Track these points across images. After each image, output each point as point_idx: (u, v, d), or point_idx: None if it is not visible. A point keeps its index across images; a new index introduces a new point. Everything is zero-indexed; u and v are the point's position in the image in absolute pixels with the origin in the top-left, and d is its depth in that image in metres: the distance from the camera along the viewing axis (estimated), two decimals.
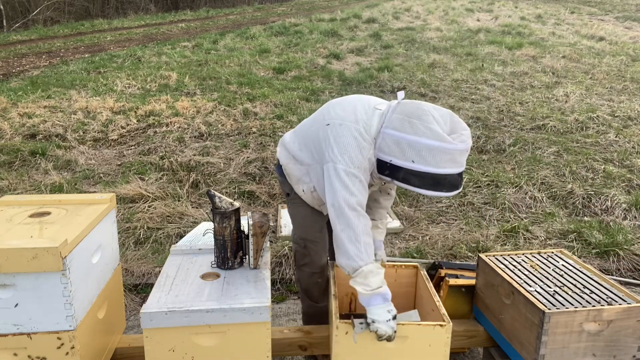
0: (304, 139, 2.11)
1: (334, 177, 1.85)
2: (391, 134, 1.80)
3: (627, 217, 3.95)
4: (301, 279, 2.36)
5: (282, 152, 2.21)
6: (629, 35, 11.62)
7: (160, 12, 21.33)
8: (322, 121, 2.01)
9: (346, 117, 1.93)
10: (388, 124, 1.83)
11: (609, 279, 2.15)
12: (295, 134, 2.22)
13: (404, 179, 1.80)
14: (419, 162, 1.75)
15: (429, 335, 1.83)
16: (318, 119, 2.07)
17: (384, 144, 1.83)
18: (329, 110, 2.05)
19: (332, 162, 1.87)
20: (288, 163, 2.15)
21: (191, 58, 9.37)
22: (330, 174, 1.87)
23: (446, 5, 16.02)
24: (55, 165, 4.81)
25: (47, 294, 1.69)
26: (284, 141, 2.24)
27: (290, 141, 2.18)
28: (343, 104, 2.04)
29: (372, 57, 9.56)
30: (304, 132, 2.14)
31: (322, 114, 2.07)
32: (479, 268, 2.35)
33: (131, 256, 3.35)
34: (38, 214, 1.94)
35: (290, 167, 2.15)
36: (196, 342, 1.77)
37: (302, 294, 2.42)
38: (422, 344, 1.83)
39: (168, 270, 2.04)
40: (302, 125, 2.23)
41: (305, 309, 2.46)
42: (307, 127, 2.14)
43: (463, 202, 4.17)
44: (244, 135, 5.55)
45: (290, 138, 2.21)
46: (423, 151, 1.74)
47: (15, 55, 10.42)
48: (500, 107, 6.58)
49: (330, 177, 1.87)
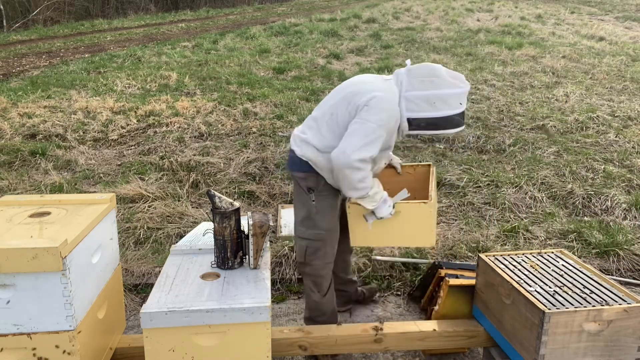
0: (329, 125, 2.25)
1: (360, 131, 2.12)
2: (417, 94, 2.16)
3: (627, 217, 3.95)
4: (312, 272, 2.42)
5: (306, 149, 2.29)
6: (629, 35, 11.62)
7: (160, 12, 21.33)
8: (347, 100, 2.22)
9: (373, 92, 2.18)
10: (409, 88, 2.17)
11: (609, 279, 2.15)
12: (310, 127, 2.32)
13: (435, 126, 2.18)
14: (446, 109, 2.15)
15: (416, 209, 2.34)
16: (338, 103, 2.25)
17: (412, 105, 2.17)
18: (351, 89, 2.26)
19: (368, 122, 2.12)
20: (317, 157, 2.27)
21: (191, 58, 9.37)
22: (357, 129, 2.13)
23: (446, 5, 16.02)
24: (55, 165, 4.81)
25: (47, 294, 1.69)
26: (303, 139, 2.31)
27: (311, 135, 2.29)
28: (361, 79, 2.32)
29: (372, 57, 9.57)
30: (327, 119, 2.27)
31: (344, 95, 2.26)
32: (479, 268, 2.35)
33: (131, 256, 3.35)
34: (38, 214, 1.94)
35: (319, 160, 2.27)
36: (196, 342, 1.77)
37: (311, 288, 2.47)
38: (410, 216, 2.36)
39: (168, 270, 2.04)
40: (314, 117, 2.34)
41: (313, 305, 2.50)
42: (329, 112, 2.28)
43: (463, 202, 4.17)
44: (244, 135, 5.55)
45: (310, 133, 2.30)
46: (449, 99, 2.14)
47: (15, 55, 10.42)
48: (500, 107, 6.58)
49: (357, 131, 2.12)
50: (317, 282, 2.45)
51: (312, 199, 2.34)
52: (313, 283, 2.46)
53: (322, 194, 2.34)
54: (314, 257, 2.39)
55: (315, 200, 2.34)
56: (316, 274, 2.43)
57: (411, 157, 5.00)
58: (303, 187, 2.36)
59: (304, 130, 2.37)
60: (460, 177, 4.51)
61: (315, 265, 2.41)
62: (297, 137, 2.37)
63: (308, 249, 2.38)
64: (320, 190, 2.34)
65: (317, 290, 2.46)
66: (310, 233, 2.37)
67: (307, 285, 2.49)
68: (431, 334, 2.28)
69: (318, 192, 2.34)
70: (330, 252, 2.43)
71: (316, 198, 2.34)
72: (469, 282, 2.44)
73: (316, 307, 2.50)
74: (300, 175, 2.36)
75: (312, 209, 2.36)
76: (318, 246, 2.37)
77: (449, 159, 5.02)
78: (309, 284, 2.47)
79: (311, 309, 2.53)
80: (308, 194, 2.35)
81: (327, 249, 2.40)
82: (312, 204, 2.35)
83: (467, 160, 4.93)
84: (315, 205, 2.35)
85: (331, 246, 2.42)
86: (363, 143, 2.11)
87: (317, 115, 2.34)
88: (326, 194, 2.35)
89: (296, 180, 2.40)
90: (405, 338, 2.26)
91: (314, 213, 2.36)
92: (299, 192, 2.41)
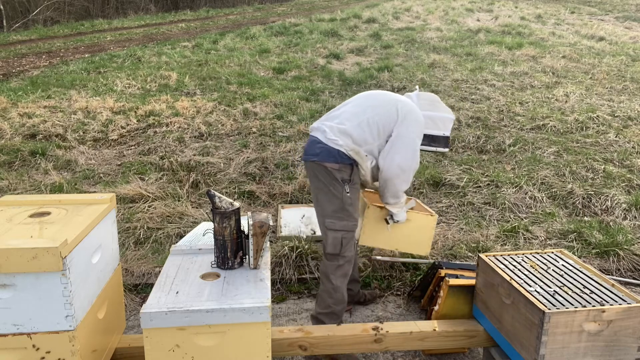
0: (368, 123, 2.43)
1: (409, 144, 2.42)
2: (428, 114, 2.57)
3: (627, 217, 3.95)
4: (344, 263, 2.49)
5: (346, 141, 2.40)
6: (629, 35, 11.62)
7: (160, 12, 21.33)
8: (388, 104, 2.47)
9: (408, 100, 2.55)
10: (422, 108, 2.57)
11: (609, 279, 2.15)
12: (352, 122, 2.44)
13: (436, 142, 2.63)
14: (445, 130, 2.64)
15: (423, 220, 2.77)
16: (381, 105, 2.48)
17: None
18: (389, 97, 2.55)
19: (412, 134, 2.43)
20: (354, 147, 2.40)
21: (191, 58, 9.37)
22: (406, 142, 2.42)
23: (446, 5, 16.02)
24: (55, 165, 4.81)
25: (47, 294, 1.69)
26: (343, 130, 2.42)
27: (352, 129, 2.42)
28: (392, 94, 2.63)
29: (372, 57, 9.57)
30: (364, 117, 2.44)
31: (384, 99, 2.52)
32: (479, 268, 2.35)
33: (131, 256, 3.35)
34: (38, 214, 1.94)
35: (357, 150, 2.40)
36: (196, 342, 1.77)
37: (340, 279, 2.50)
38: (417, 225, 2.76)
39: (168, 270, 2.04)
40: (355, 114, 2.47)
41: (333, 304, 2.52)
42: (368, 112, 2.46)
43: (463, 202, 4.17)
44: (244, 135, 5.55)
45: (351, 127, 2.42)
46: (447, 122, 2.64)
47: (15, 55, 10.42)
48: (500, 107, 6.58)
49: (406, 145, 2.41)
50: (346, 272, 2.52)
51: (347, 190, 2.41)
52: (344, 275, 2.51)
53: (355, 186, 2.46)
54: (347, 247, 2.46)
55: (349, 192, 2.42)
56: (348, 264, 2.50)
57: None
58: (338, 178, 2.40)
59: (342, 121, 2.45)
60: (460, 177, 4.51)
61: (347, 257, 2.48)
62: (334, 128, 2.43)
63: (344, 240, 2.44)
64: (354, 182, 2.44)
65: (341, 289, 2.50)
66: (344, 224, 2.43)
67: (339, 276, 2.50)
68: (431, 334, 2.28)
69: (352, 183, 2.43)
70: (355, 243, 2.61)
71: (350, 189, 2.42)
72: (469, 282, 2.44)
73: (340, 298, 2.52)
74: (335, 167, 2.40)
75: (346, 199, 2.41)
76: (351, 237, 2.47)
77: (449, 159, 5.02)
78: (341, 274, 2.50)
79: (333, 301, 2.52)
80: (342, 185, 2.40)
81: (355, 238, 2.56)
82: (346, 195, 2.41)
83: (467, 160, 4.93)
84: (350, 197, 2.42)
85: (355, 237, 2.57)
86: (411, 157, 2.41)
87: (356, 111, 2.48)
88: (357, 186, 2.49)
89: (328, 172, 2.41)
90: (405, 338, 2.26)
91: (348, 204, 2.42)
92: (330, 183, 2.42)
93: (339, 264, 2.48)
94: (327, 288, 2.52)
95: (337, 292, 2.51)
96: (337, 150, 2.38)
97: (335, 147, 2.38)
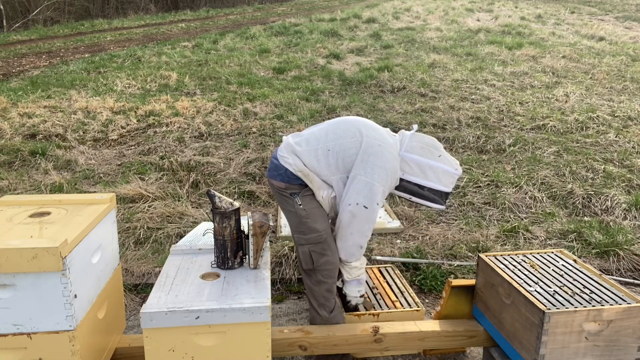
0: (325, 152, 2.23)
1: (365, 189, 2.16)
2: (415, 158, 2.23)
3: (627, 217, 3.95)
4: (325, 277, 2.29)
5: (296, 161, 2.24)
6: (629, 35, 11.61)
7: (160, 12, 21.33)
8: (354, 136, 2.23)
9: (382, 139, 2.24)
10: (410, 150, 2.24)
11: (609, 279, 2.15)
12: (310, 145, 2.26)
13: (418, 193, 2.26)
14: (435, 182, 2.23)
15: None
16: (345, 135, 2.24)
17: (405, 165, 2.24)
18: (359, 128, 2.26)
19: (369, 178, 2.16)
20: (303, 169, 2.23)
21: (191, 58, 9.37)
22: (362, 187, 2.17)
23: (446, 5, 16.02)
24: (55, 165, 4.81)
25: (47, 294, 1.69)
26: (296, 152, 2.25)
27: (305, 153, 2.25)
28: (369, 124, 2.31)
29: (372, 57, 9.56)
30: (324, 145, 2.24)
31: (352, 130, 2.25)
32: (479, 268, 2.35)
33: (131, 256, 3.35)
34: (38, 214, 1.94)
35: (310, 176, 2.24)
36: (196, 342, 1.77)
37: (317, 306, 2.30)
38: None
39: (168, 270, 2.04)
40: (317, 138, 2.28)
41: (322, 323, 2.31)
42: (330, 140, 2.25)
43: (463, 202, 4.17)
44: (244, 135, 5.55)
45: (306, 151, 2.25)
46: (440, 173, 2.23)
47: (15, 55, 10.42)
48: (500, 107, 6.57)
49: (362, 189, 2.17)
50: (331, 289, 2.31)
51: (299, 203, 2.25)
52: (327, 290, 2.30)
53: (307, 197, 2.26)
54: (323, 260, 2.27)
55: (302, 204, 2.25)
56: (328, 277, 2.30)
57: None
58: (286, 194, 2.28)
59: (300, 142, 2.29)
60: (460, 177, 4.51)
61: (326, 270, 2.28)
62: (290, 146, 2.29)
63: (313, 253, 2.26)
64: (304, 192, 2.26)
65: (330, 297, 2.30)
66: (308, 238, 2.26)
67: (319, 296, 2.30)
68: (431, 334, 2.28)
69: (302, 195, 2.26)
70: (335, 253, 2.31)
71: (302, 201, 2.25)
72: (471, 282, 2.43)
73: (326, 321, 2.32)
74: (280, 185, 2.28)
75: (301, 212, 2.25)
76: (322, 247, 2.26)
77: None
78: (322, 293, 2.30)
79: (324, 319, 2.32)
80: (292, 198, 2.26)
81: (332, 248, 2.29)
82: (300, 207, 2.25)
83: (467, 160, 4.93)
84: (304, 208, 2.25)
85: (334, 246, 2.31)
86: (373, 214, 2.19)
87: (319, 136, 2.28)
88: (311, 195, 2.27)
89: (277, 190, 2.31)
90: (405, 338, 2.26)
91: (305, 217, 2.26)
92: (282, 200, 2.32)
93: (319, 279, 2.29)
94: (312, 315, 2.35)
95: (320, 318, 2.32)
96: (285, 168, 2.24)
97: (283, 165, 2.24)
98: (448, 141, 5.42)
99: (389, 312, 2.46)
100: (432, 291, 3.15)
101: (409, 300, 2.59)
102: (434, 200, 2.25)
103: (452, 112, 6.30)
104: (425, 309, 2.87)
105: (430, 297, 3.13)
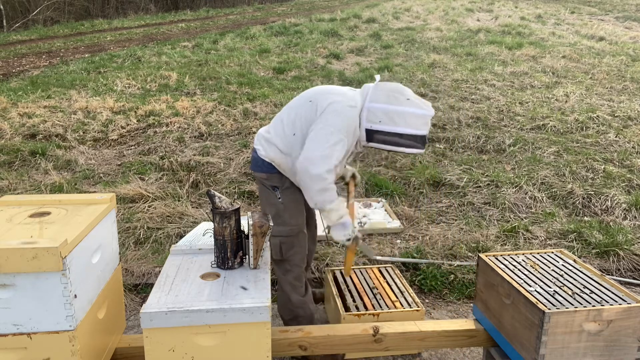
0: (291, 128, 2.27)
1: (321, 134, 2.14)
2: (379, 106, 2.18)
3: (627, 217, 3.95)
4: (292, 267, 2.44)
5: (270, 149, 2.33)
6: (629, 35, 11.61)
7: (160, 12, 21.33)
8: (309, 104, 2.25)
9: (334, 96, 2.24)
10: (373, 99, 2.20)
11: (609, 279, 2.15)
12: (277, 129, 2.34)
13: (391, 142, 2.19)
14: (404, 126, 2.16)
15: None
16: (302, 105, 2.28)
17: (371, 116, 2.19)
18: (312, 96, 2.29)
19: (322, 124, 2.15)
20: (280, 158, 2.30)
21: (191, 58, 9.37)
22: (313, 135, 2.15)
23: (446, 5, 16.01)
24: (55, 165, 4.81)
25: (47, 294, 1.69)
26: (267, 138, 2.34)
27: (275, 137, 2.32)
28: (324, 89, 2.32)
29: (372, 57, 9.56)
30: (288, 122, 2.30)
31: (307, 99, 2.28)
32: (479, 268, 2.35)
33: (131, 256, 3.35)
34: (38, 214, 1.94)
35: (282, 162, 2.30)
36: (196, 342, 1.77)
37: (292, 284, 2.46)
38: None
39: (168, 270, 2.04)
40: (280, 120, 2.35)
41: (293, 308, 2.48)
42: (291, 115, 2.30)
43: (463, 202, 4.17)
44: (244, 135, 5.55)
45: (274, 135, 2.32)
46: (408, 117, 2.15)
47: (15, 55, 10.42)
48: (500, 107, 6.57)
49: (313, 137, 2.15)
50: (298, 276, 2.47)
51: (278, 196, 2.38)
52: (295, 278, 2.46)
53: (287, 190, 2.38)
54: (292, 252, 2.41)
55: (281, 198, 2.38)
56: (296, 268, 2.45)
57: (411, 157, 5.00)
58: (267, 186, 2.40)
59: (268, 129, 2.39)
60: (460, 177, 4.51)
61: (293, 260, 2.43)
62: (261, 136, 2.39)
63: (283, 245, 2.39)
64: (285, 187, 2.37)
65: (295, 292, 2.47)
66: (282, 230, 2.38)
67: (288, 282, 2.47)
68: (431, 334, 2.28)
69: (283, 189, 2.38)
70: (304, 245, 2.46)
71: (282, 195, 2.38)
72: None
73: (300, 304, 2.49)
74: (263, 176, 2.40)
75: (279, 206, 2.38)
76: (292, 241, 2.40)
77: (449, 159, 5.02)
78: (290, 281, 2.46)
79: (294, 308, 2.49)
80: (273, 191, 2.39)
81: (301, 242, 2.44)
82: (278, 201, 2.38)
83: (467, 160, 4.93)
84: (282, 202, 2.38)
85: (304, 239, 2.46)
86: (325, 152, 2.12)
87: (283, 116, 2.36)
88: (291, 190, 2.38)
89: (260, 180, 2.44)
90: (405, 338, 2.26)
91: (282, 210, 2.38)
92: (263, 191, 2.44)
93: (286, 269, 2.45)
94: (284, 300, 2.52)
95: (290, 299, 2.49)
96: (262, 160, 2.35)
97: (259, 156, 2.36)
98: (448, 141, 5.42)
99: (389, 312, 2.47)
100: (432, 291, 3.15)
101: (409, 300, 2.60)
102: (411, 145, 2.18)
103: (452, 112, 6.30)
104: (425, 309, 2.87)
105: (430, 297, 3.13)
